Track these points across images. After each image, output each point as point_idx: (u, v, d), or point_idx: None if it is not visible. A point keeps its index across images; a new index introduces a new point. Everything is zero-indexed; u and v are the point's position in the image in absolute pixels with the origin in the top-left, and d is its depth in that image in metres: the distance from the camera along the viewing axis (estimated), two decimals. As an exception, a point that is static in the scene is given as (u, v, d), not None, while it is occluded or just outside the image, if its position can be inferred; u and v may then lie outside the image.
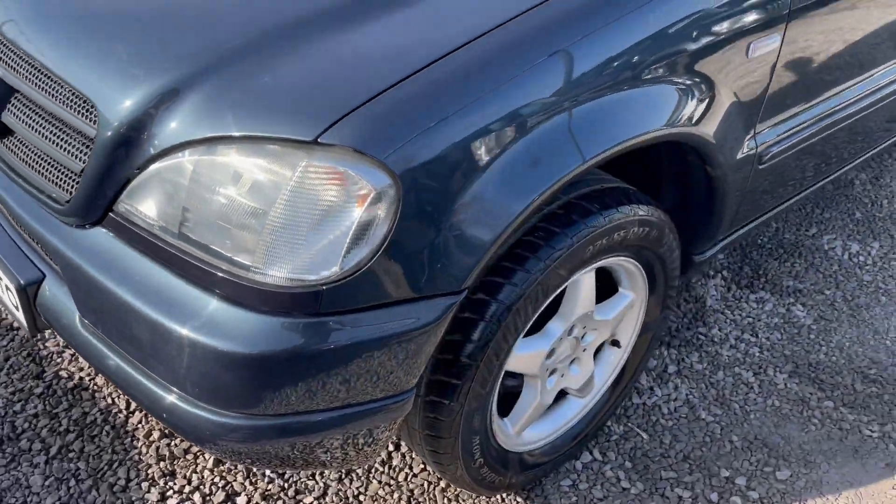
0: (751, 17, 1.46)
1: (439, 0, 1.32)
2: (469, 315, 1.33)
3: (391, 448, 1.79)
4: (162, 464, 1.73)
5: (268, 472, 1.73)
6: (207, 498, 1.67)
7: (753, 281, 2.40)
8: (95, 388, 1.90)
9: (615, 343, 1.76)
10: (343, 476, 1.73)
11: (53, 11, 1.41)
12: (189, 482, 1.70)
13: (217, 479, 1.71)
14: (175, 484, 1.70)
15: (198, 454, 1.76)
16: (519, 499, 1.71)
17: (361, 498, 1.69)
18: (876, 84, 1.98)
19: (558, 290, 1.44)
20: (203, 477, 1.71)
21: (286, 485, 1.71)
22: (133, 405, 1.86)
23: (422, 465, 1.76)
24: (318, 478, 1.72)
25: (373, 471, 1.75)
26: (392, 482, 1.72)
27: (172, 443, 1.78)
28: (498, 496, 1.70)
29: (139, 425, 1.82)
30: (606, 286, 1.64)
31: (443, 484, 1.71)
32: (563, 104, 1.26)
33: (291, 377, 1.18)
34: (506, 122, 1.20)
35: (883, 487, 1.80)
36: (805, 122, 1.79)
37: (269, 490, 1.70)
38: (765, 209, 1.98)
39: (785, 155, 1.80)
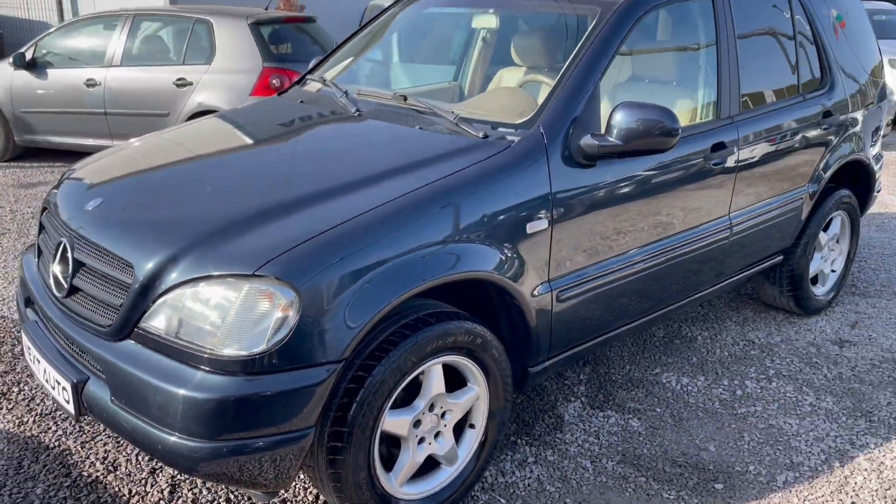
0: (526, 207, 2.45)
1: (358, 192, 2.30)
2: (354, 386, 2.16)
3: (317, 511, 2.50)
4: (152, 525, 2.44)
5: (227, 528, 2.43)
6: (183, 545, 2.36)
7: (604, 404, 3.20)
8: (107, 482, 2.63)
9: (472, 426, 2.54)
10: (281, 530, 2.43)
11: (107, 220, 2.39)
12: (171, 536, 2.40)
13: (191, 534, 2.40)
14: (161, 538, 2.39)
15: (178, 519, 2.47)
16: (406, 541, 2.40)
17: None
18: (650, 252, 2.93)
19: (413, 374, 2.27)
20: (181, 533, 2.41)
21: (240, 536, 2.40)
22: (133, 491, 2.59)
23: (338, 521, 2.46)
24: (263, 531, 2.42)
25: (303, 526, 2.45)
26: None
27: (161, 512, 2.49)
28: (390, 538, 2.38)
29: None
30: (460, 382, 2.48)
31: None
32: (413, 253, 2.19)
33: (238, 413, 1.99)
34: (371, 264, 2.12)
35: (672, 529, 2.49)
36: (591, 275, 2.71)
37: (228, 539, 2.39)
38: (583, 339, 2.84)
39: (581, 297, 2.70)
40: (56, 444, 2.85)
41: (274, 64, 6.40)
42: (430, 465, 2.49)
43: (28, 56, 7.02)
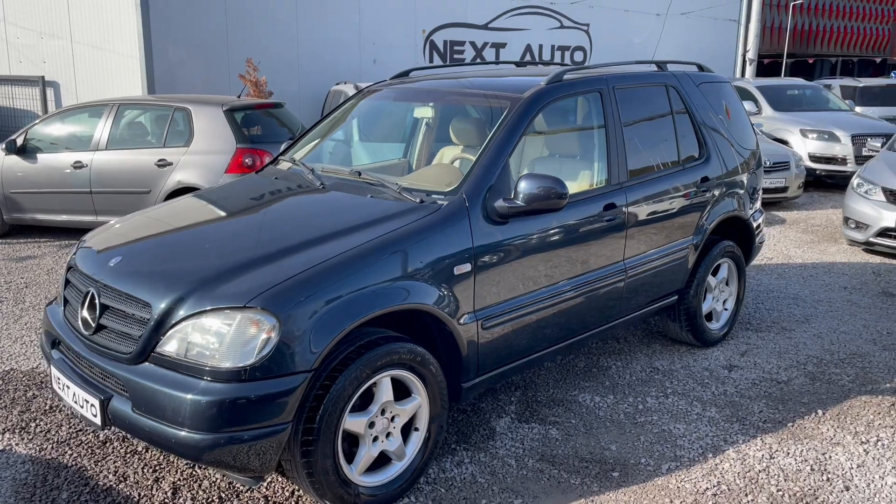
0: (453, 254, 3.18)
1: (322, 246, 3.01)
2: (322, 392, 2.83)
3: None
4: (160, 517, 3.04)
5: (221, 517, 3.03)
6: (186, 530, 2.96)
7: (529, 418, 3.88)
8: (119, 489, 3.22)
9: (416, 428, 3.21)
10: (265, 516, 3.03)
11: (127, 272, 3.07)
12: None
13: (192, 522, 3.00)
14: (167, 526, 2.99)
15: (181, 512, 3.07)
16: (365, 520, 3.02)
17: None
18: (557, 290, 3.67)
19: (368, 383, 2.94)
20: (184, 522, 3.01)
21: (232, 522, 3.00)
22: (142, 494, 3.18)
23: (310, 508, 3.08)
24: (250, 518, 3.02)
25: (282, 514, 3.06)
26: (293, 517, 3.04)
27: (166, 507, 3.09)
28: (352, 519, 3.01)
29: None
30: (406, 393, 3.15)
31: (321, 515, 3.03)
32: (364, 290, 2.90)
33: (233, 411, 2.65)
34: (331, 298, 2.82)
35: (576, 505, 3.17)
36: (510, 307, 3.44)
37: (222, 525, 2.99)
38: (506, 360, 3.54)
39: (503, 325, 3.42)
40: (73, 463, 3.43)
41: (246, 145, 7.17)
42: (384, 460, 3.14)
43: (19, 142, 7.70)
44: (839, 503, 3.18)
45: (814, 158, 11.29)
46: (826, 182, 11.59)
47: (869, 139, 10.39)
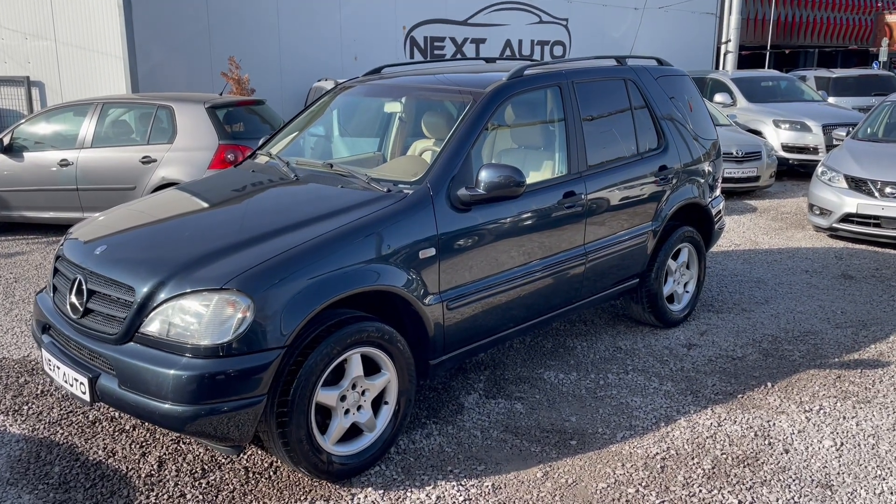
0: (419, 239, 3.41)
1: (294, 233, 3.23)
2: (296, 367, 3.05)
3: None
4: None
5: None
6: None
7: (496, 395, 4.12)
8: (108, 463, 3.43)
9: (386, 402, 3.44)
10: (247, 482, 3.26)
11: (112, 259, 3.28)
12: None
13: None
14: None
15: None
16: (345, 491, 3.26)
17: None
18: (519, 273, 3.90)
19: (338, 360, 3.17)
20: None
21: None
22: (129, 467, 3.39)
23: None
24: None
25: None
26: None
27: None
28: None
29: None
30: (376, 368, 3.38)
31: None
32: (331, 273, 3.13)
33: (212, 385, 2.87)
34: (303, 280, 3.05)
35: (532, 472, 3.40)
36: (475, 289, 3.67)
37: None
38: (474, 339, 3.77)
39: (467, 306, 3.65)
40: (64, 441, 3.64)
41: (228, 141, 7.36)
42: (356, 431, 3.37)
43: (5, 141, 7.86)
44: (778, 464, 3.44)
45: (786, 148, 11.59)
46: (799, 171, 11.88)
47: (837, 128, 10.68)
